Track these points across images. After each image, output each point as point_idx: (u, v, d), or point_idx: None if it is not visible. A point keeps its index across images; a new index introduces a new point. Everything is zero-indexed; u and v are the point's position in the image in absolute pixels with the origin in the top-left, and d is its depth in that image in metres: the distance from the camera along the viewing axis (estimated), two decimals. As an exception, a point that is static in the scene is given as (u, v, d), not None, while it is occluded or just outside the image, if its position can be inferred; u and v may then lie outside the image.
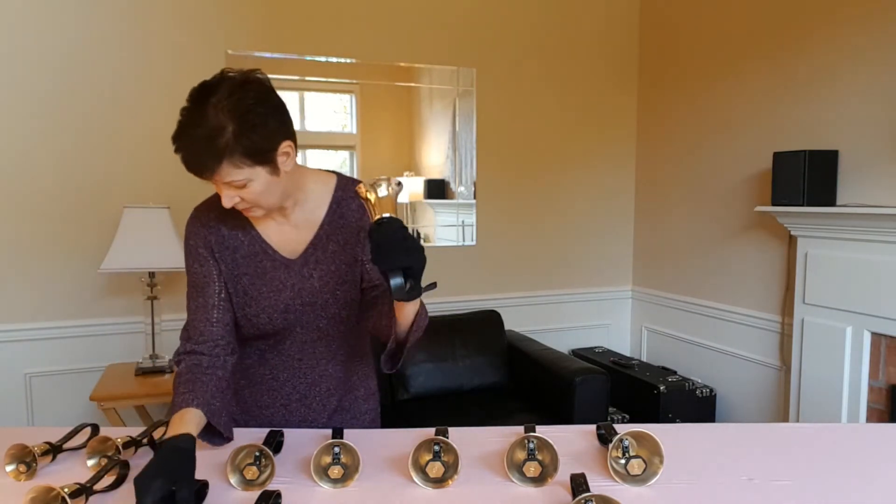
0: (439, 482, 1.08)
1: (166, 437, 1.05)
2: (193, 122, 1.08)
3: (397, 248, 1.01)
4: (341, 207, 1.29)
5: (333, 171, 1.35)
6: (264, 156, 1.12)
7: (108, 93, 2.76)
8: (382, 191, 1.04)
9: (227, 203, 1.15)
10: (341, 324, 1.32)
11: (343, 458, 1.10)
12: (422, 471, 1.09)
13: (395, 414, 2.85)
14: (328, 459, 1.10)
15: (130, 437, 1.18)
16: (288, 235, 1.28)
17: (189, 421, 1.09)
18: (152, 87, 2.82)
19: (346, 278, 1.29)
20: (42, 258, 2.72)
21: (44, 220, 2.72)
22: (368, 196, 1.04)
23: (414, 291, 1.05)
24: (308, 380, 1.36)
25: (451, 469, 1.10)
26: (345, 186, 1.31)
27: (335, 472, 1.09)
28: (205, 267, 1.26)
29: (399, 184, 1.07)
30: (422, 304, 1.17)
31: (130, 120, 2.80)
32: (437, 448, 1.10)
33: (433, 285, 1.09)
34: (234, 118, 1.08)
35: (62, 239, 2.75)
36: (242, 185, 1.12)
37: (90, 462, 1.13)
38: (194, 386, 1.17)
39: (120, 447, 1.13)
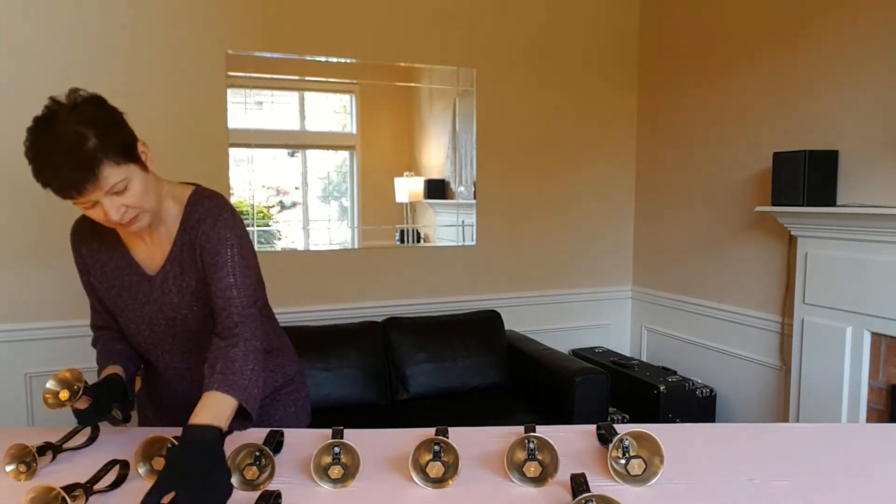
0: (439, 482, 1.08)
1: (132, 398, 1.28)
2: (51, 142, 1.07)
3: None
4: (188, 222, 1.28)
5: (192, 184, 1.35)
6: (132, 151, 1.16)
7: (107, 92, 2.74)
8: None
9: (116, 215, 1.13)
10: (208, 336, 1.28)
11: (343, 458, 1.10)
12: (422, 471, 1.09)
13: (395, 414, 2.85)
14: (328, 459, 1.10)
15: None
16: (152, 251, 1.30)
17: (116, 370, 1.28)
18: (152, 87, 2.82)
19: (199, 294, 1.28)
20: (42, 258, 2.72)
21: (44, 220, 2.71)
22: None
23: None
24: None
25: (451, 469, 1.10)
26: (194, 200, 1.29)
27: (335, 471, 1.09)
28: (84, 278, 1.38)
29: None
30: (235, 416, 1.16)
31: (130, 119, 2.79)
32: (437, 448, 1.11)
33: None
34: (90, 125, 1.09)
35: (62, 239, 2.74)
36: (123, 188, 1.12)
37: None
38: (112, 352, 1.34)
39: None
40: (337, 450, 1.11)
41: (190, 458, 0.98)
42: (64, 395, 1.19)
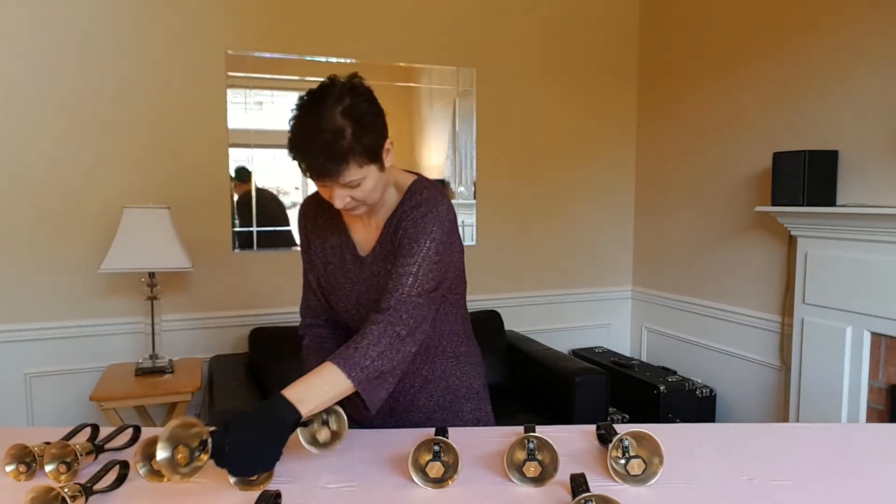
0: (439, 482, 1.08)
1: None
2: (313, 127, 1.13)
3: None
4: (403, 207, 1.30)
5: (415, 174, 1.37)
6: (376, 153, 1.18)
7: (108, 93, 2.76)
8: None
9: (339, 203, 1.19)
10: None
11: (333, 426, 1.14)
12: (422, 471, 1.09)
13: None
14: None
15: (93, 441, 1.18)
16: (367, 233, 1.35)
17: None
18: (152, 87, 2.82)
19: None
20: (42, 258, 2.72)
21: (44, 220, 2.72)
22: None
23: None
24: None
25: (451, 469, 1.10)
26: (413, 190, 1.31)
27: (323, 434, 1.12)
28: (306, 254, 1.41)
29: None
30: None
31: (130, 120, 2.80)
32: (437, 448, 1.11)
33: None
34: (351, 120, 1.13)
35: (62, 239, 2.75)
36: (357, 184, 1.18)
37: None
38: (321, 354, 1.33)
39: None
40: (326, 417, 1.13)
41: (254, 425, 1.00)
42: (183, 457, 0.95)
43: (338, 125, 1.12)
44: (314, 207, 1.40)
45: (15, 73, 2.63)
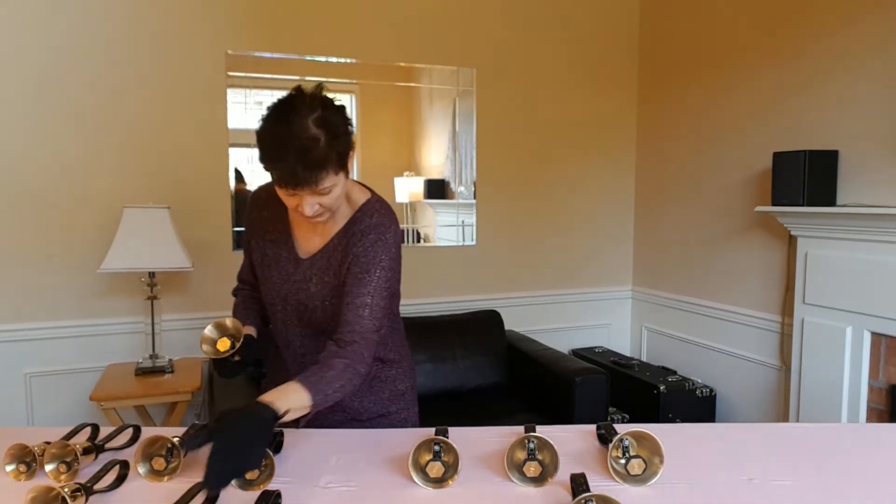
0: (439, 482, 1.08)
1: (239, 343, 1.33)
2: (287, 136, 1.13)
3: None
4: (352, 227, 1.33)
5: (371, 191, 1.39)
6: (345, 162, 1.21)
7: (108, 93, 2.76)
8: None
9: (309, 211, 1.20)
10: (330, 332, 1.33)
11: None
12: (422, 471, 1.09)
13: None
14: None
15: (93, 441, 1.18)
16: (311, 236, 1.37)
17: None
18: (152, 87, 2.82)
19: (336, 292, 1.33)
20: (42, 258, 2.72)
21: (44, 220, 2.72)
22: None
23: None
24: None
25: (451, 469, 1.10)
26: (365, 209, 1.34)
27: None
28: (245, 239, 1.47)
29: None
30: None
31: (130, 120, 2.80)
32: (437, 448, 1.11)
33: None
34: (324, 129, 1.15)
35: (62, 239, 2.75)
36: (328, 191, 1.19)
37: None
38: (248, 309, 1.47)
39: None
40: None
41: (240, 426, 1.03)
42: (223, 345, 1.23)
43: (312, 133, 1.13)
44: (264, 199, 1.41)
45: (15, 73, 2.63)
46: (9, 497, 1.03)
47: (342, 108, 1.22)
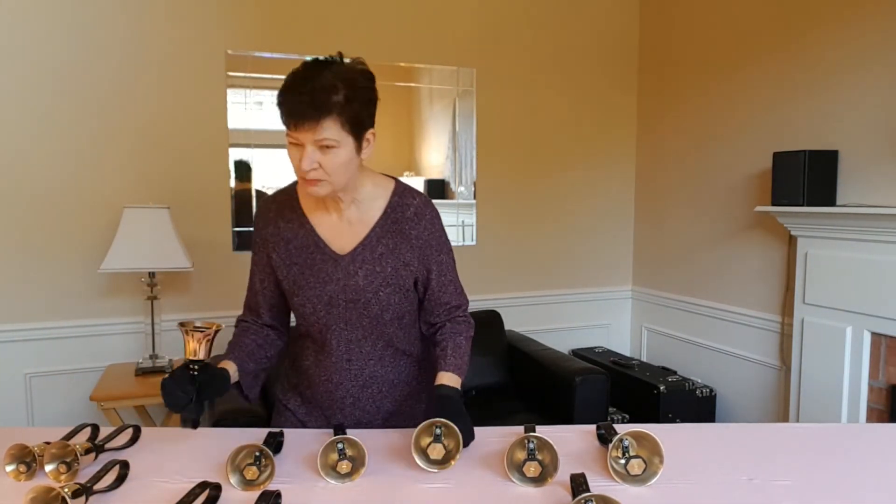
0: (441, 464, 1.10)
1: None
2: (309, 76, 1.18)
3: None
4: (396, 212, 1.34)
5: (392, 177, 1.40)
6: (359, 129, 1.21)
7: (107, 93, 2.76)
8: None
9: (306, 164, 1.17)
10: (385, 325, 1.36)
11: (349, 452, 1.11)
12: (423, 453, 1.11)
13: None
14: (335, 457, 1.11)
15: (93, 441, 1.17)
16: (340, 232, 1.33)
17: (228, 367, 1.28)
18: (152, 88, 2.82)
19: (390, 281, 1.32)
20: (42, 258, 2.72)
21: (44, 220, 2.72)
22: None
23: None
24: (359, 382, 1.38)
25: (452, 451, 1.11)
26: (402, 193, 1.36)
27: (343, 466, 1.09)
28: (258, 256, 1.39)
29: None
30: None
31: (130, 120, 2.80)
32: (437, 431, 1.12)
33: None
34: (346, 86, 1.18)
35: (62, 239, 2.75)
36: (331, 146, 1.18)
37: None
38: (237, 345, 1.37)
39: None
40: (341, 445, 1.11)
41: (456, 402, 1.24)
42: (193, 349, 1.17)
43: (332, 83, 1.17)
44: (275, 210, 1.37)
45: (15, 73, 2.63)
46: (9, 497, 1.03)
47: (373, 78, 1.25)
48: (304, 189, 1.23)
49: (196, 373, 1.16)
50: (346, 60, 1.24)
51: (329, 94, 1.15)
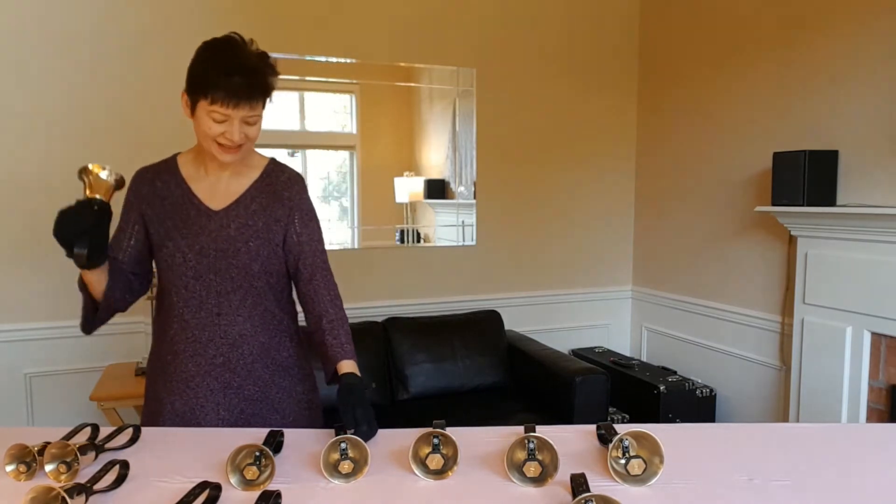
0: (439, 474, 1.09)
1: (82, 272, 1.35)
2: (237, 58, 1.28)
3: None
4: (270, 177, 1.46)
5: (269, 156, 1.54)
6: (270, 97, 1.35)
7: (108, 93, 2.76)
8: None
9: (238, 137, 1.31)
10: (254, 278, 1.41)
11: (351, 453, 1.11)
12: (422, 463, 1.10)
13: (395, 414, 2.85)
14: (336, 456, 1.11)
15: (92, 441, 1.17)
16: (216, 193, 1.44)
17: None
18: (151, 88, 2.82)
19: (261, 234, 1.41)
20: (42, 258, 2.72)
21: (44, 220, 2.71)
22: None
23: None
24: (228, 339, 1.41)
25: (450, 461, 1.10)
26: (276, 163, 1.50)
27: (345, 466, 1.09)
28: (128, 214, 1.45)
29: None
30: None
31: (130, 120, 2.80)
32: (436, 441, 1.11)
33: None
34: (267, 67, 1.32)
35: (62, 239, 2.75)
36: (255, 121, 1.33)
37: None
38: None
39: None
40: (344, 445, 1.11)
41: (358, 392, 1.27)
42: (99, 186, 1.21)
43: (258, 65, 1.30)
44: (152, 172, 1.47)
45: (15, 73, 2.63)
46: (9, 497, 1.03)
47: (270, 57, 1.36)
48: (221, 155, 1.35)
49: (97, 208, 1.23)
50: (241, 37, 1.34)
51: (260, 71, 1.29)
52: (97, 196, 1.22)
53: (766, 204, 2.88)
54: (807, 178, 2.53)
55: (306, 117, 3.09)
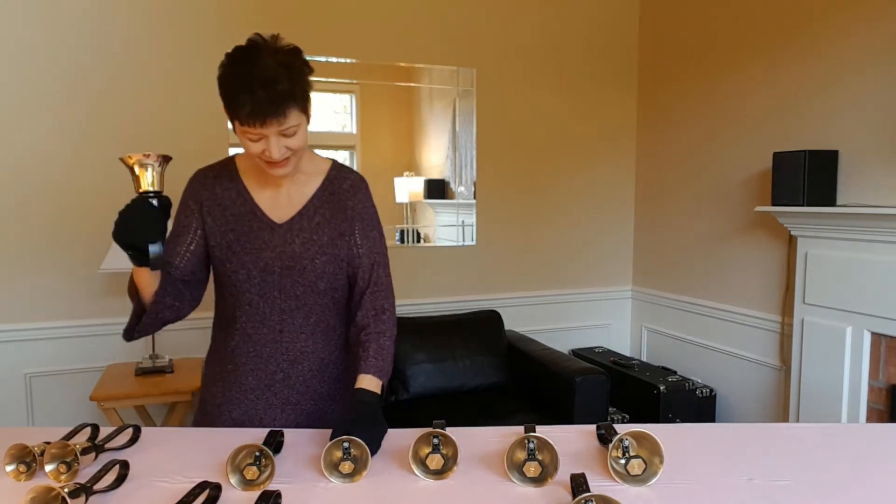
0: (439, 474, 1.09)
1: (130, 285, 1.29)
2: (253, 69, 1.16)
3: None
4: (333, 185, 1.40)
5: (330, 158, 1.47)
6: (307, 105, 1.25)
7: (108, 93, 2.76)
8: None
9: (277, 154, 1.21)
10: (319, 296, 1.37)
11: (354, 452, 1.11)
12: (422, 463, 1.10)
13: (395, 414, 2.85)
14: (339, 454, 1.11)
15: (93, 441, 1.17)
16: (278, 203, 1.37)
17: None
18: (152, 88, 2.82)
19: (326, 249, 1.36)
20: (42, 258, 2.72)
21: (44, 220, 2.72)
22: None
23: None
24: (290, 356, 1.38)
25: (450, 461, 1.10)
26: (339, 168, 1.43)
27: (346, 467, 1.09)
28: (188, 218, 1.37)
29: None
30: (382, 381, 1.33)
31: (130, 120, 2.80)
32: (435, 441, 1.11)
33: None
34: (289, 71, 1.19)
35: (62, 239, 2.75)
36: (293, 132, 1.22)
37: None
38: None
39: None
40: (346, 445, 1.11)
41: (366, 410, 1.23)
42: (149, 176, 1.12)
43: (275, 71, 1.17)
44: (213, 177, 1.38)
45: (15, 73, 2.63)
46: (9, 497, 1.03)
47: (300, 50, 1.25)
48: (270, 172, 1.27)
49: (157, 202, 1.15)
50: (265, 37, 1.23)
51: (279, 83, 1.17)
52: (151, 189, 1.14)
53: (766, 204, 2.88)
54: (807, 178, 2.53)
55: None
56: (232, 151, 2.95)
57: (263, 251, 1.34)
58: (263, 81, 1.15)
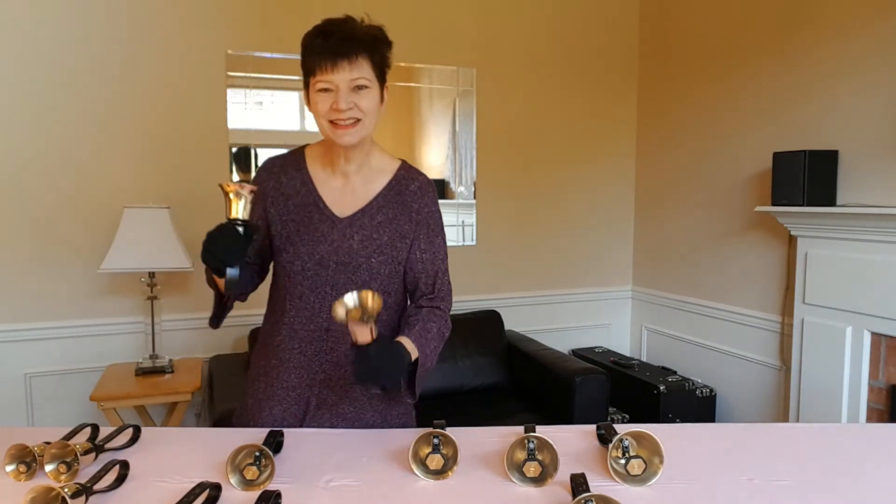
0: (439, 474, 1.09)
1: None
2: (338, 24, 1.23)
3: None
4: (400, 185, 1.37)
5: (400, 158, 1.45)
6: (383, 76, 1.28)
7: (108, 93, 2.76)
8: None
9: (343, 103, 1.22)
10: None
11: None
12: (422, 463, 1.10)
13: (395, 414, 2.85)
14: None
15: (93, 442, 1.17)
16: (342, 196, 1.36)
17: None
18: (152, 87, 2.82)
19: (384, 250, 1.34)
20: (42, 258, 2.72)
21: (44, 220, 2.72)
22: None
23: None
24: (333, 357, 1.35)
25: (450, 461, 1.11)
26: (408, 168, 1.40)
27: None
28: (254, 207, 1.36)
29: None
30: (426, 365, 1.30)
31: (131, 120, 2.80)
32: (436, 441, 1.12)
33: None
34: (374, 35, 1.25)
35: (62, 239, 2.75)
36: (364, 86, 1.23)
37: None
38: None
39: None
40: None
41: (389, 348, 1.19)
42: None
43: (365, 29, 1.24)
44: (280, 165, 1.39)
45: (14, 73, 2.63)
46: (9, 497, 1.03)
47: (387, 35, 1.30)
48: (337, 136, 1.26)
49: (242, 231, 1.16)
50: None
51: (360, 33, 1.22)
52: (239, 217, 1.18)
53: (766, 204, 2.88)
54: (807, 178, 2.53)
55: (306, 117, 3.09)
56: (232, 151, 2.95)
57: (320, 244, 1.32)
58: (345, 29, 1.22)
